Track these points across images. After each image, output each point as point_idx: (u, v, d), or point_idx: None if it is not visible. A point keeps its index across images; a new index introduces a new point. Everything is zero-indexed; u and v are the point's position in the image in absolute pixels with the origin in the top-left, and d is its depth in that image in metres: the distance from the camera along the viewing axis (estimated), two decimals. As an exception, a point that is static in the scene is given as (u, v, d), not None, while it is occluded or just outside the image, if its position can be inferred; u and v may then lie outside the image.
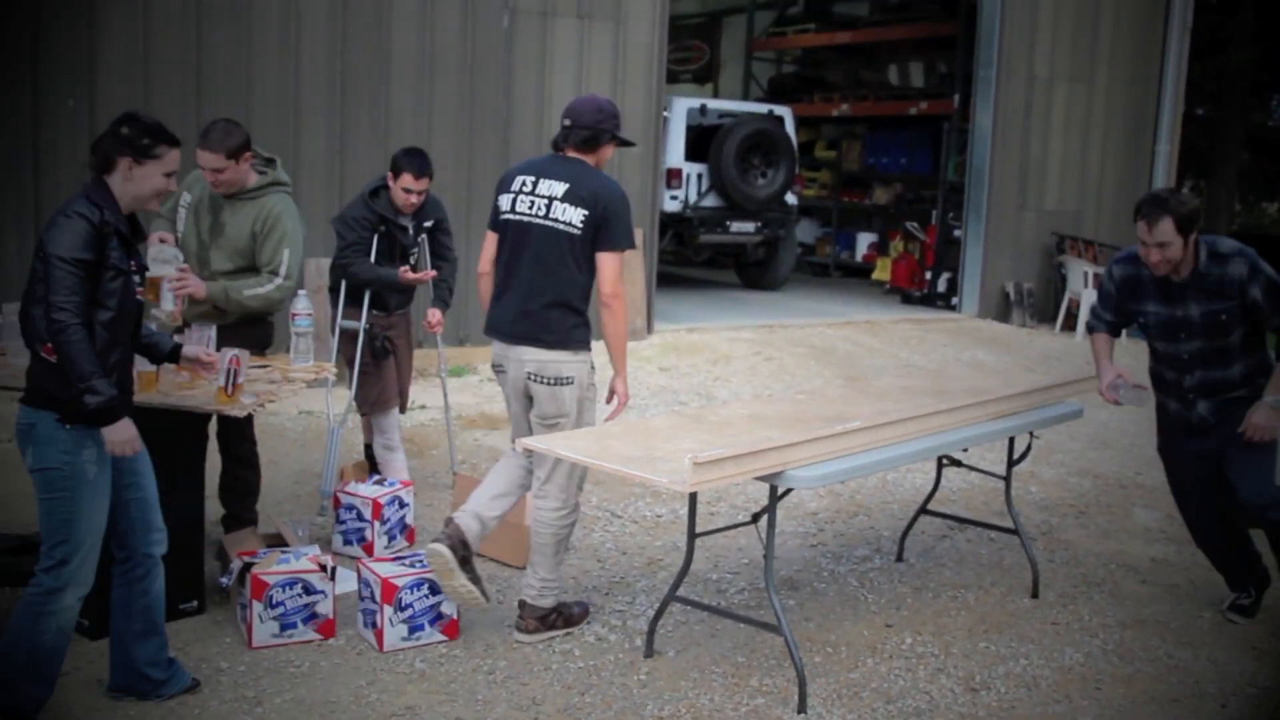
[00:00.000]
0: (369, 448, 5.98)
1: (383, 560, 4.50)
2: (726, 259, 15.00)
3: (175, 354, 3.97)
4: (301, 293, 4.97)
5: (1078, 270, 12.85)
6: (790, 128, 13.82)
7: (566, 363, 4.34)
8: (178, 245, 4.85)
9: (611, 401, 4.59)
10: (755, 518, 4.39)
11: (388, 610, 4.23)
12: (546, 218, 4.32)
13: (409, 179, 5.58)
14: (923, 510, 5.63)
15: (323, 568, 4.30)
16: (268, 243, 4.85)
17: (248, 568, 4.27)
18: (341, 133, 8.89)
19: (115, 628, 3.75)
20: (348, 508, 5.24)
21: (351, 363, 5.74)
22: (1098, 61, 13.92)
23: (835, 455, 4.01)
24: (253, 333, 4.93)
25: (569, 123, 4.39)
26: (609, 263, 4.31)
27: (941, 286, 13.65)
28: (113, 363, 3.45)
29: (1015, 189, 13.36)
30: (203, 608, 4.47)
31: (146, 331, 3.91)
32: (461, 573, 4.22)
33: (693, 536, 4.31)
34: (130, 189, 3.49)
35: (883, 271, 15.29)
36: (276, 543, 4.85)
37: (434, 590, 4.31)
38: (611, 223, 4.30)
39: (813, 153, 17.65)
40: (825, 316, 12.21)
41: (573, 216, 4.29)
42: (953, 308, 13.41)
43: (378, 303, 5.76)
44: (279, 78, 8.63)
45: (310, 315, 5.02)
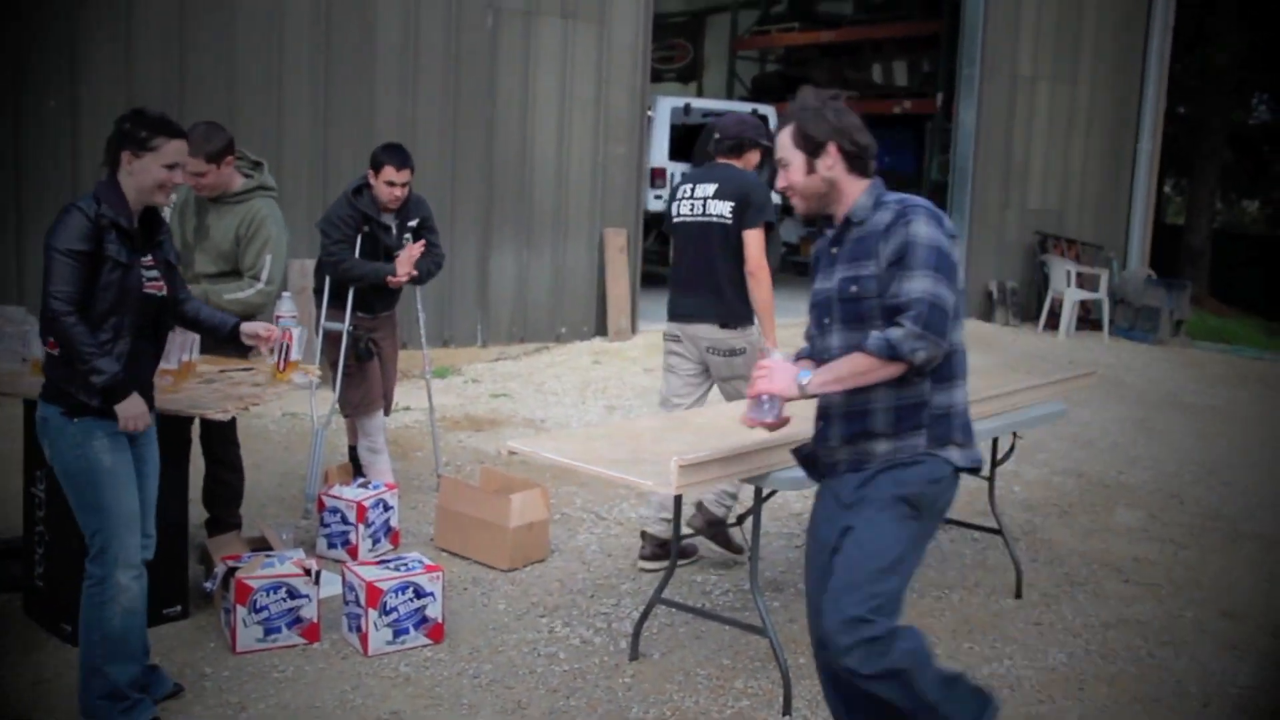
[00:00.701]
0: (353, 450, 5.96)
1: (367, 564, 4.49)
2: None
3: (235, 333, 4.10)
4: (285, 294, 4.96)
5: (1060, 269, 12.90)
6: (774, 127, 13.82)
7: (736, 339, 5.11)
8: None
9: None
10: (740, 519, 4.40)
11: (372, 614, 4.22)
12: (704, 215, 5.12)
13: (390, 171, 5.55)
14: (907, 511, 5.63)
15: (307, 571, 4.29)
16: (251, 248, 4.84)
17: (232, 572, 4.25)
18: (326, 133, 8.86)
19: None
20: (332, 511, 5.22)
21: (335, 365, 5.72)
22: (1080, 60, 13.98)
23: (820, 457, 4.01)
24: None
25: (718, 135, 5.27)
26: (752, 239, 5.03)
27: (925, 285, 13.67)
28: (118, 354, 3.49)
29: (998, 188, 13.41)
30: (186, 612, 4.46)
31: (209, 314, 4.05)
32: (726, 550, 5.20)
33: (677, 538, 4.31)
34: (132, 182, 3.52)
35: (867, 270, 15.29)
36: (260, 546, 4.83)
37: (418, 594, 4.31)
38: (751, 205, 5.03)
39: (797, 152, 17.65)
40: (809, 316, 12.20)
41: (723, 210, 5.07)
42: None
43: (362, 304, 5.73)
44: (263, 78, 8.60)
45: (295, 317, 5.01)
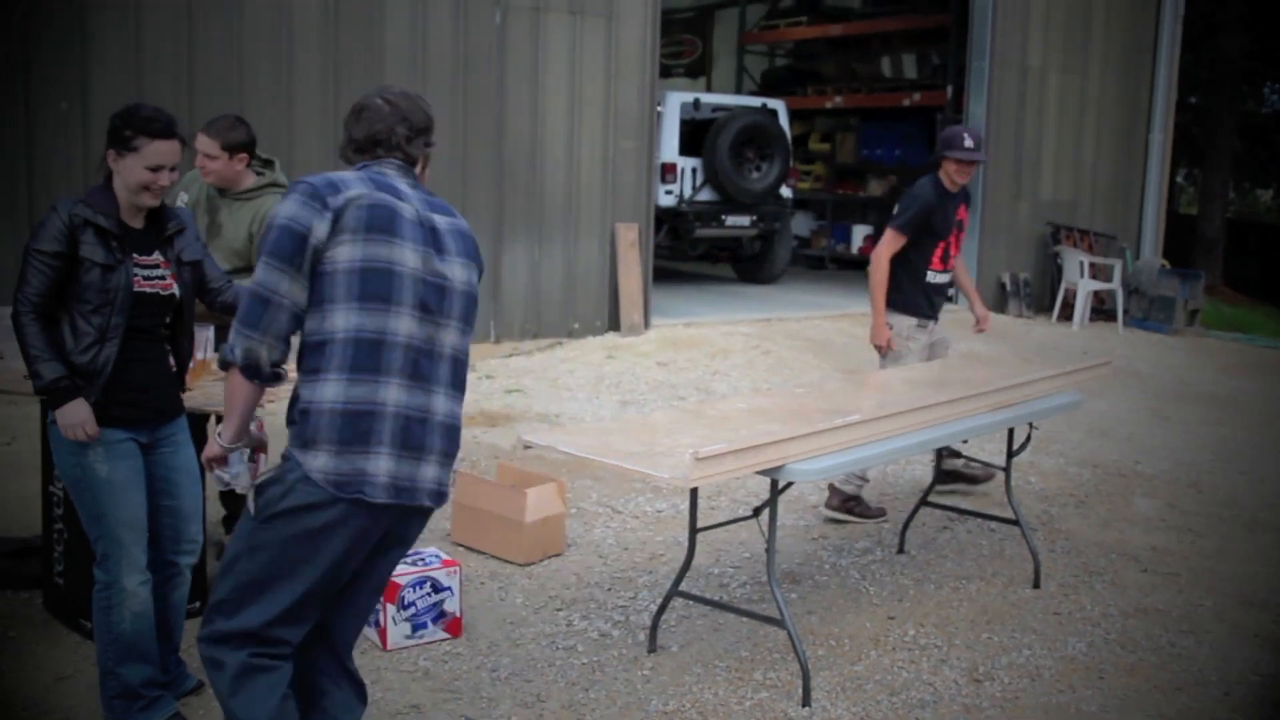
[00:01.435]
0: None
1: (384, 559, 4.49)
2: (722, 253, 14.98)
3: None
4: None
5: (1074, 260, 12.86)
6: (784, 121, 13.80)
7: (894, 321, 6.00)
8: None
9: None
10: (756, 512, 4.39)
11: (390, 609, 4.22)
12: None
13: None
14: (923, 502, 5.63)
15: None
16: (260, 241, 4.86)
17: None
18: (335, 132, 8.84)
19: None
20: (348, 507, 5.22)
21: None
22: (1090, 51, 13.92)
23: (835, 448, 4.01)
24: None
25: None
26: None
27: (937, 278, 13.64)
28: (105, 356, 3.42)
29: (1010, 180, 13.36)
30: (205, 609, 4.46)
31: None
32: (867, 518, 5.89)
33: (694, 531, 4.31)
34: (118, 181, 3.48)
35: (878, 264, 15.26)
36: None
37: (436, 588, 4.31)
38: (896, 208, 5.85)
39: (807, 145, 17.64)
40: (822, 309, 12.20)
41: None
42: (949, 299, 13.39)
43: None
44: (272, 78, 8.61)
45: None
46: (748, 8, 18.88)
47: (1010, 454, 5.27)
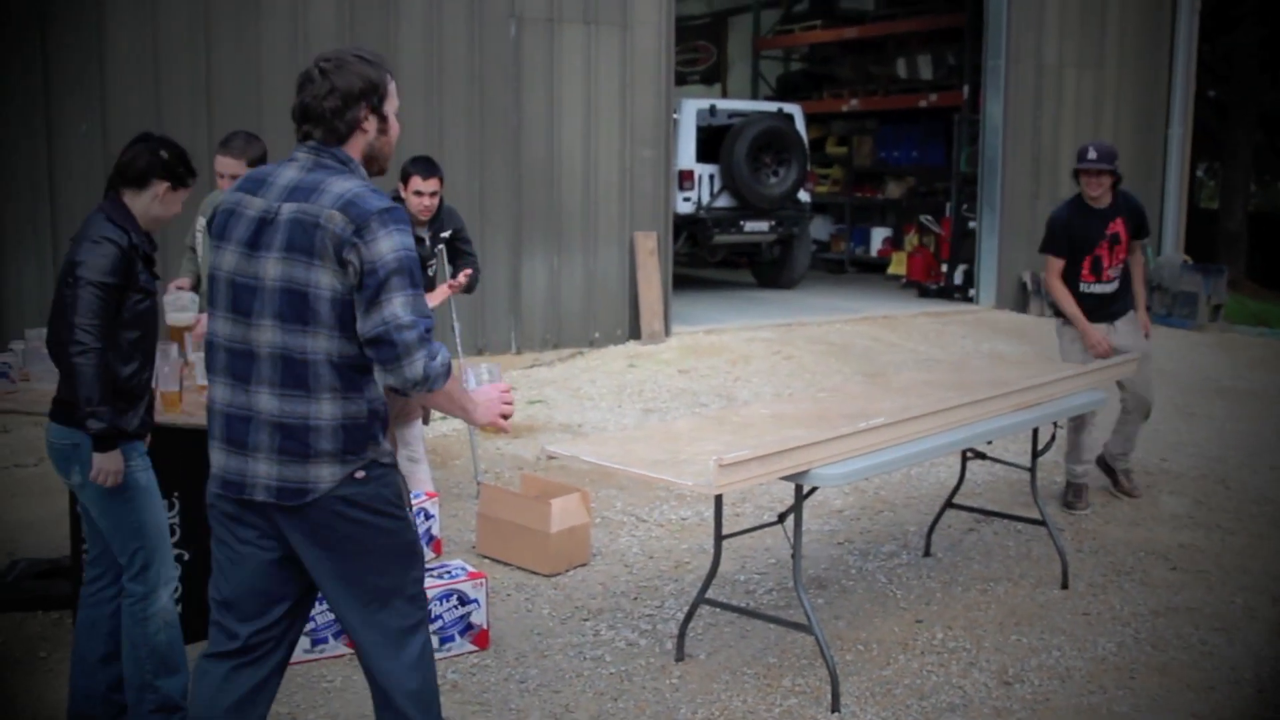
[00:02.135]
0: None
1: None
2: (741, 259, 14.97)
3: None
4: None
5: (1094, 257, 12.79)
6: (800, 125, 13.79)
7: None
8: (198, 279, 4.93)
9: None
10: (781, 517, 4.38)
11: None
12: None
13: (417, 180, 5.58)
14: (949, 504, 5.61)
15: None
16: None
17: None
18: (353, 147, 8.89)
19: (78, 650, 3.72)
20: (373, 521, 5.24)
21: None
22: (1107, 46, 13.86)
23: (859, 452, 4.00)
24: None
25: None
26: None
27: (958, 279, 13.60)
28: (144, 381, 3.56)
29: (1028, 178, 13.31)
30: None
31: None
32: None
33: (719, 538, 4.31)
34: (156, 211, 3.57)
35: (898, 266, 15.24)
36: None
37: (463, 601, 4.31)
38: None
39: (824, 149, 17.62)
40: (842, 313, 12.18)
41: None
42: (970, 300, 13.36)
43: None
44: (289, 94, 8.62)
45: None
46: (762, 13, 18.88)
47: (1035, 454, 5.24)
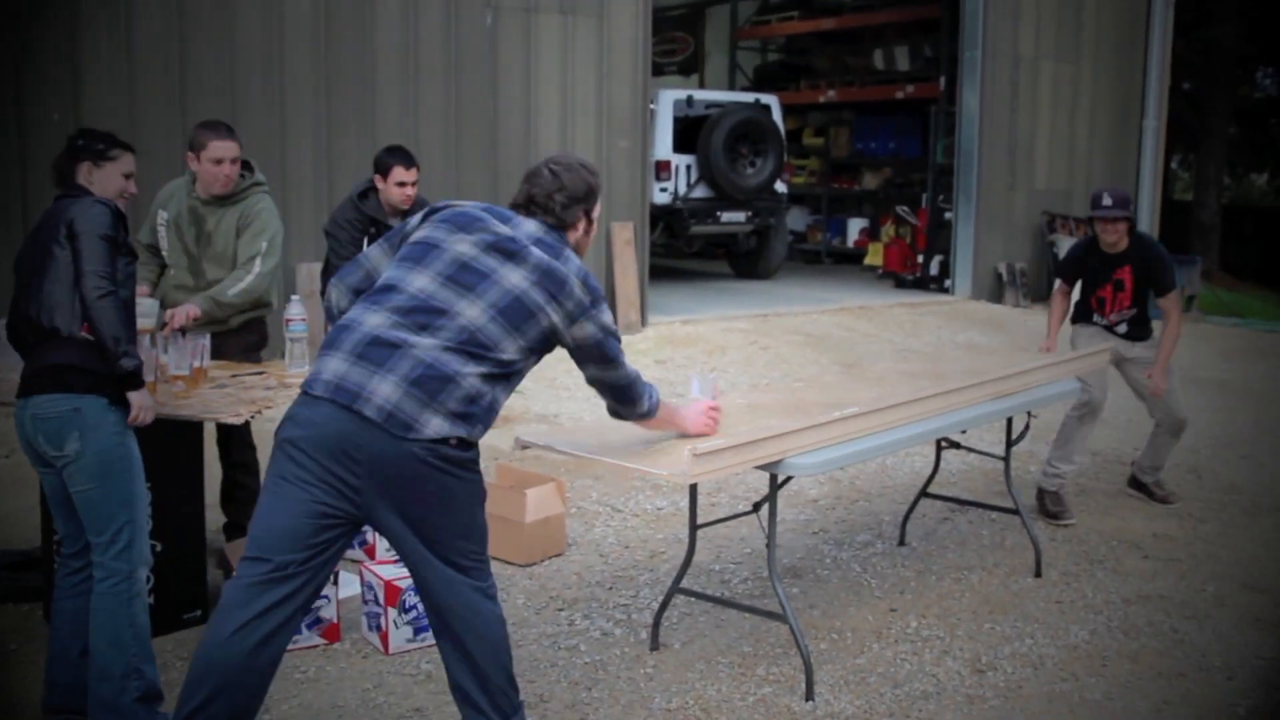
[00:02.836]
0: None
1: (385, 563, 4.49)
2: (718, 249, 14.99)
3: None
4: (295, 298, 4.97)
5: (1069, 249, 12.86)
6: (777, 116, 13.80)
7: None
8: (161, 272, 4.90)
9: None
10: (756, 507, 4.39)
11: (392, 613, 4.22)
12: None
13: (400, 171, 5.48)
14: (923, 493, 5.63)
15: (325, 572, 4.30)
16: (245, 235, 4.89)
17: (250, 575, 4.25)
18: (329, 137, 8.86)
19: (58, 642, 3.65)
20: (348, 511, 5.22)
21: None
22: (1083, 39, 13.93)
23: (834, 441, 4.01)
24: (250, 339, 5.00)
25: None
26: None
27: (934, 269, 13.66)
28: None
29: (1004, 169, 13.37)
30: (206, 617, 4.46)
31: None
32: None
33: (694, 528, 4.31)
34: (102, 190, 3.60)
35: (875, 256, 15.29)
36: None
37: (438, 591, 4.30)
38: None
39: (801, 140, 17.65)
40: (819, 304, 12.21)
41: None
42: (946, 290, 13.42)
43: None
44: (264, 84, 8.61)
45: (305, 320, 5.02)
46: (739, 4, 18.88)
47: (1009, 443, 5.27)
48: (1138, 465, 6.40)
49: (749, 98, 14.22)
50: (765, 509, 4.11)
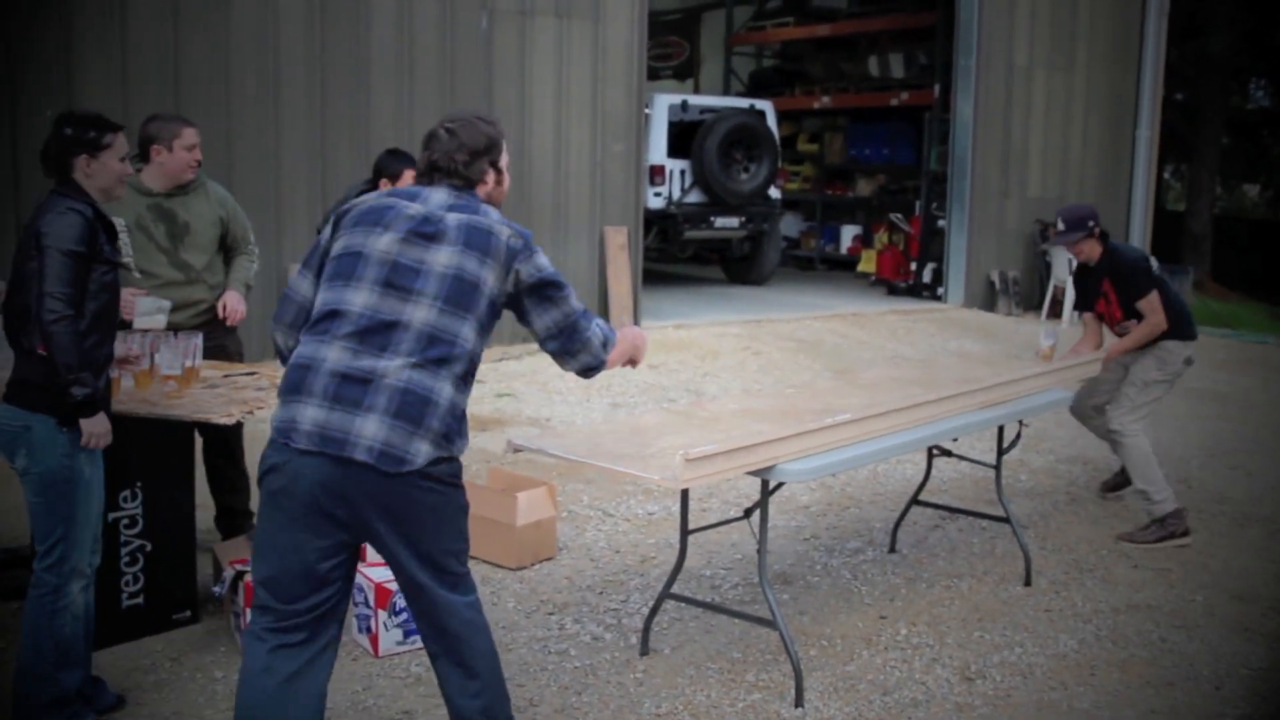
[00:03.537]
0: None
1: (375, 565, 4.48)
2: (711, 255, 15.00)
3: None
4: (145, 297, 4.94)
5: (1062, 258, 12.87)
6: (772, 122, 13.82)
7: None
8: (133, 274, 4.87)
9: None
10: (747, 513, 4.39)
11: (382, 615, 4.22)
12: None
13: (412, 177, 5.61)
14: (914, 501, 5.64)
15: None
16: (236, 223, 4.99)
17: (241, 576, 4.25)
18: (322, 136, 8.85)
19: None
20: (339, 513, 5.21)
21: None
22: (1077, 48, 13.96)
23: (826, 448, 4.01)
24: (234, 337, 5.02)
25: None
26: None
27: (927, 277, 13.68)
28: (105, 355, 3.53)
29: (998, 177, 13.40)
30: (196, 617, 4.45)
31: None
32: None
33: (685, 533, 4.31)
34: (94, 183, 3.52)
35: (868, 263, 15.31)
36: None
37: (428, 594, 4.30)
38: None
39: (795, 146, 17.67)
40: (812, 310, 12.22)
41: None
42: (939, 298, 13.44)
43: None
44: (258, 82, 8.60)
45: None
46: (735, 9, 18.90)
47: (1000, 451, 5.28)
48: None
49: (744, 103, 14.23)
50: (756, 515, 4.11)
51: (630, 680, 4.13)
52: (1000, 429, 5.22)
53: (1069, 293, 12.64)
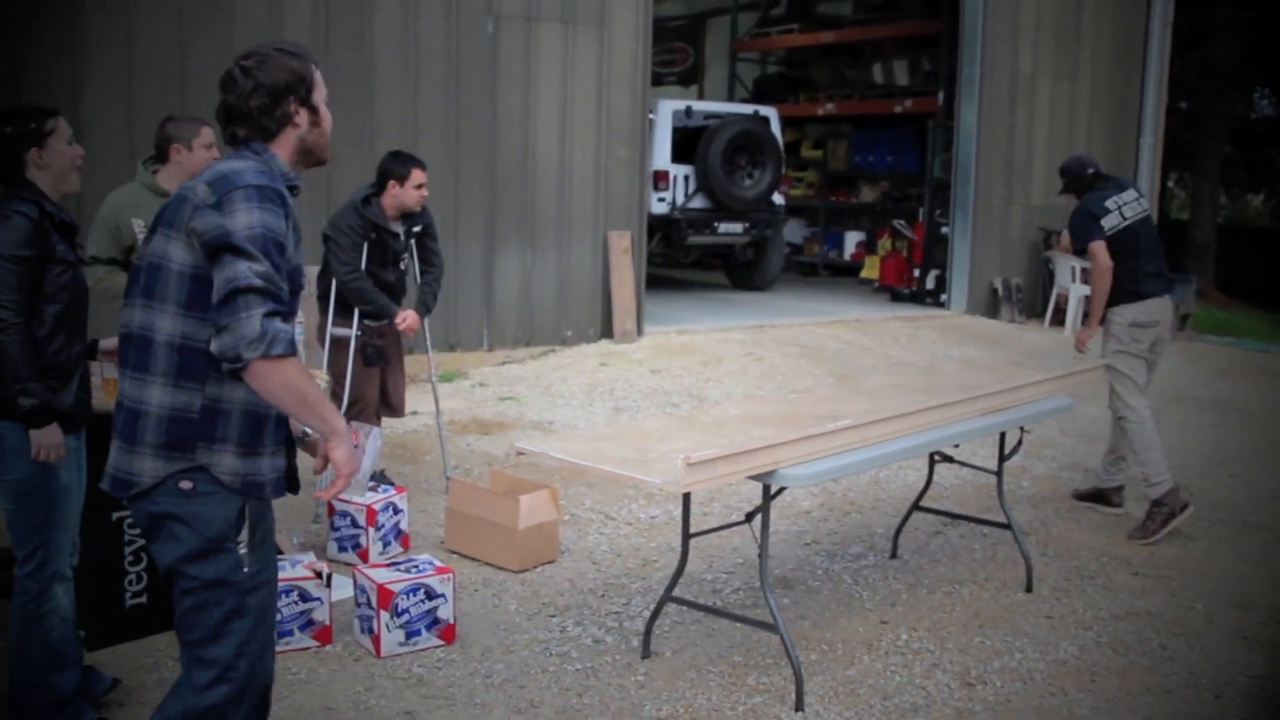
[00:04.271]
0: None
1: (378, 566, 4.50)
2: (715, 260, 15.02)
3: (92, 350, 3.73)
4: None
5: (1065, 265, 12.89)
6: (776, 128, 13.84)
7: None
8: None
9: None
10: (749, 517, 4.40)
11: (384, 616, 4.23)
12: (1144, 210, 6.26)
13: (419, 174, 5.78)
14: (916, 506, 5.65)
15: (318, 575, 4.31)
16: None
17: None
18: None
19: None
20: (342, 515, 5.24)
21: (342, 373, 5.80)
22: (1080, 56, 13.98)
23: (827, 453, 4.02)
24: None
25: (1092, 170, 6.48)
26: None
27: (930, 284, 13.69)
28: (75, 356, 3.46)
29: (1001, 185, 13.41)
30: (199, 618, 4.46)
31: None
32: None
33: (687, 537, 4.32)
34: (49, 175, 3.48)
35: (871, 270, 15.32)
36: (271, 551, 4.84)
37: (430, 595, 4.32)
38: None
39: (799, 152, 17.69)
40: (815, 316, 12.23)
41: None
42: (941, 305, 13.45)
43: (368, 312, 5.82)
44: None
45: (302, 323, 5.04)
46: (739, 16, 18.93)
47: (1002, 458, 5.29)
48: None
49: (748, 109, 14.25)
50: (758, 519, 4.12)
51: (631, 683, 4.14)
52: (1002, 436, 5.23)
53: (1072, 299, 12.66)
